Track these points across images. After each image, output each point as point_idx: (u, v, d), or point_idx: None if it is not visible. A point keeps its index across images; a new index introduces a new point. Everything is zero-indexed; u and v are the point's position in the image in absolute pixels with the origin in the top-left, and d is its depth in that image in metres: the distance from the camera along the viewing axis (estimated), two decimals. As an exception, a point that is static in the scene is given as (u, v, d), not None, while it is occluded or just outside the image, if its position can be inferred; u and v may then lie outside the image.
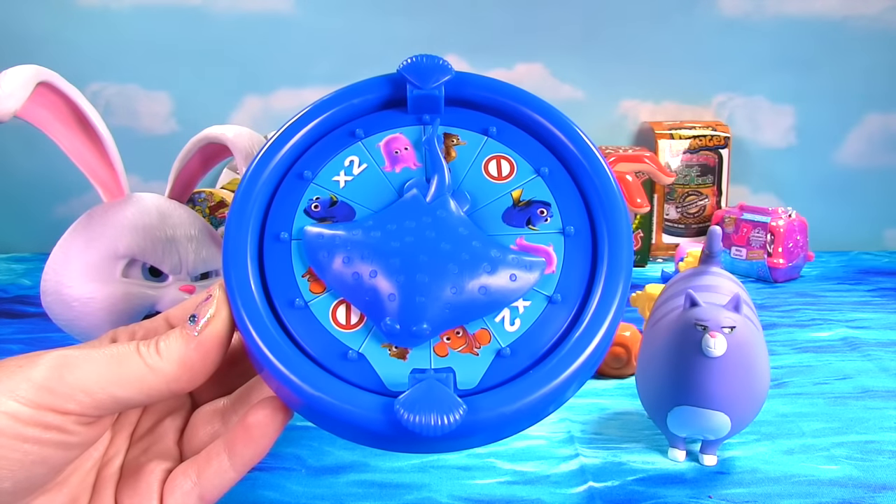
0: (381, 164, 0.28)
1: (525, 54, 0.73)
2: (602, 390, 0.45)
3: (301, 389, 0.23)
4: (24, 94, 0.34)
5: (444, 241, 0.25)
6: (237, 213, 0.26)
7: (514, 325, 0.25)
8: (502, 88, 0.29)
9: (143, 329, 0.28)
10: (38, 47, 0.66)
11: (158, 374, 0.24)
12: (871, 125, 0.78)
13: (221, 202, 0.55)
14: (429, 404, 0.22)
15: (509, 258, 0.25)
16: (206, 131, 0.42)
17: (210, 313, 0.25)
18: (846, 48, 0.74)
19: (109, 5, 0.67)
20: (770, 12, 0.73)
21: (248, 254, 0.26)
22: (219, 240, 0.44)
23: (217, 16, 0.68)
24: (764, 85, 0.76)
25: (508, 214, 0.27)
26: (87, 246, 0.39)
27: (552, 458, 0.37)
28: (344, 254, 0.25)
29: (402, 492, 0.35)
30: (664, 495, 0.34)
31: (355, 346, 0.25)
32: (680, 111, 0.77)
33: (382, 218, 0.26)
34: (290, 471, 0.36)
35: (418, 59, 0.28)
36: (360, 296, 0.25)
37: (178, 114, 0.70)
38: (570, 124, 0.28)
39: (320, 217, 0.27)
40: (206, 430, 0.28)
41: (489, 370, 0.24)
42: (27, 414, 0.22)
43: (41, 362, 0.23)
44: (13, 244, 0.72)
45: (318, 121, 0.28)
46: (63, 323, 0.40)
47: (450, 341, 0.25)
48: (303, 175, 0.27)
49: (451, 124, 0.29)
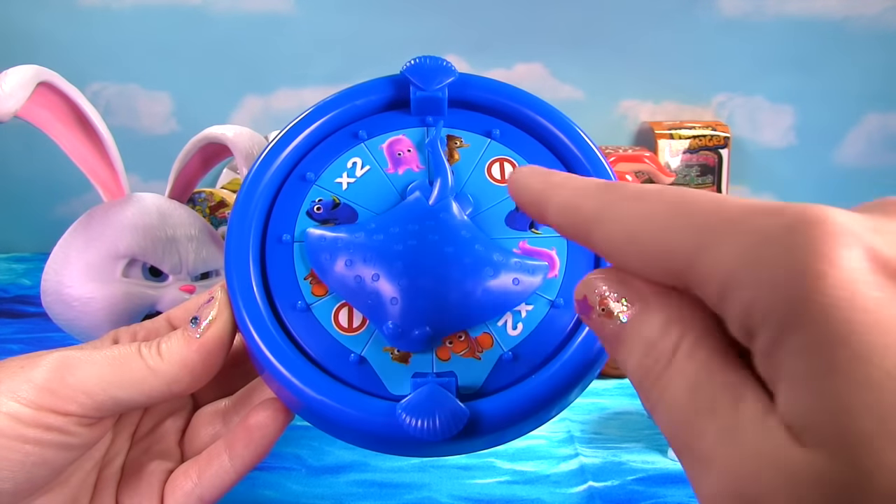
0: (383, 165, 0.28)
1: (525, 54, 0.73)
2: (602, 390, 0.45)
3: (302, 392, 0.23)
4: (24, 94, 0.34)
5: (446, 245, 0.25)
6: (239, 215, 0.26)
7: (517, 329, 0.25)
8: (505, 90, 0.29)
9: (145, 330, 0.28)
10: (38, 47, 0.66)
11: (160, 376, 0.24)
12: (870, 125, 0.77)
13: (222, 202, 0.55)
14: (431, 409, 0.22)
15: (512, 262, 0.25)
16: (206, 131, 0.42)
17: (212, 315, 0.25)
18: (846, 48, 0.74)
19: (110, 5, 0.67)
20: (770, 12, 0.73)
21: (251, 256, 0.26)
22: (219, 240, 0.44)
23: (217, 16, 0.68)
24: (764, 85, 0.76)
25: (511, 218, 0.27)
26: (87, 246, 0.39)
27: (552, 457, 0.38)
28: (346, 256, 0.25)
29: (402, 492, 0.35)
30: (664, 495, 0.34)
31: (357, 349, 0.25)
32: (680, 111, 0.77)
33: (385, 221, 0.26)
34: (290, 470, 0.36)
35: (421, 61, 0.28)
36: (363, 299, 0.25)
37: (178, 114, 0.70)
38: (573, 126, 0.28)
39: (323, 219, 0.27)
40: (207, 431, 0.29)
41: (491, 374, 0.24)
42: (28, 415, 0.22)
43: (42, 363, 0.23)
44: (13, 244, 0.72)
45: (320, 122, 0.28)
46: (63, 323, 0.40)
47: (452, 345, 0.25)
48: (305, 177, 0.27)
49: (454, 126, 0.28)
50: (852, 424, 0.12)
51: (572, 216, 0.17)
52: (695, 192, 0.15)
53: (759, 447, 0.13)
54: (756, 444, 0.13)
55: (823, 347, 0.12)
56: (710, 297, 0.14)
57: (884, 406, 0.11)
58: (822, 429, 0.12)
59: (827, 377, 0.12)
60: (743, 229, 0.14)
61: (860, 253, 0.12)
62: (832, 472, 0.12)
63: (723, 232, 0.14)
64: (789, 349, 0.12)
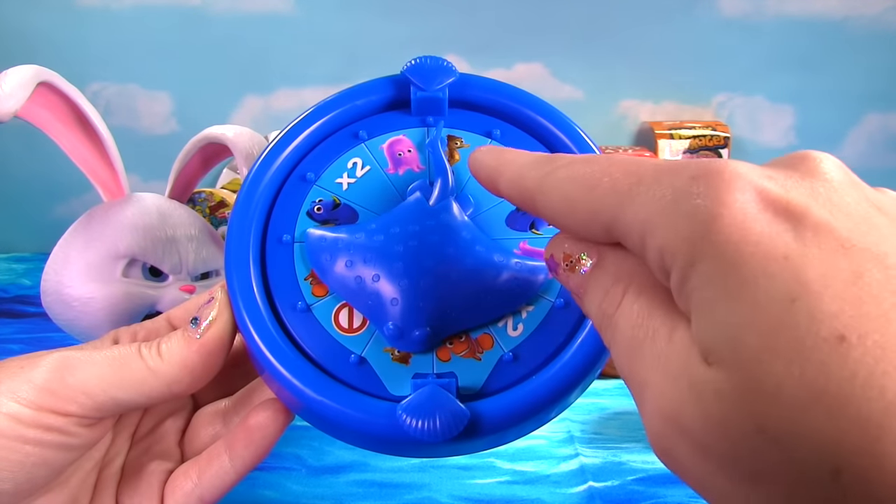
0: (384, 166, 0.28)
1: (525, 54, 0.73)
2: (602, 390, 0.45)
3: (302, 393, 0.23)
4: (24, 94, 0.34)
5: (447, 245, 0.25)
6: (240, 215, 0.26)
7: (517, 330, 0.25)
8: (506, 90, 0.29)
9: (145, 330, 0.28)
10: (37, 47, 0.66)
11: (160, 377, 0.24)
12: (870, 125, 0.77)
13: (222, 202, 0.55)
14: (431, 409, 0.22)
15: (513, 263, 0.25)
16: (206, 131, 0.42)
17: (212, 316, 0.25)
18: (846, 48, 0.74)
19: (110, 5, 0.67)
20: (770, 12, 0.73)
21: (251, 256, 0.26)
22: (219, 240, 0.44)
23: (217, 16, 0.68)
24: (764, 85, 0.76)
25: (512, 218, 0.27)
26: (87, 246, 0.39)
27: (552, 457, 0.38)
28: (347, 257, 0.25)
29: (402, 492, 0.35)
30: (664, 495, 0.34)
31: (357, 349, 0.24)
32: (680, 111, 0.77)
33: (385, 221, 0.26)
34: (290, 470, 0.36)
35: (422, 61, 0.28)
36: (363, 299, 0.25)
37: (178, 114, 0.70)
38: (573, 127, 0.28)
39: (323, 219, 0.27)
40: (207, 432, 0.29)
41: (492, 375, 0.24)
42: (28, 415, 0.22)
43: (42, 364, 0.23)
44: (13, 244, 0.72)
45: (320, 122, 0.28)
46: (63, 323, 0.40)
47: (452, 346, 0.25)
48: (305, 177, 0.27)
49: (454, 126, 0.28)
50: (743, 341, 0.13)
51: (519, 187, 0.19)
52: (617, 157, 0.17)
53: (679, 370, 0.14)
54: (677, 368, 0.15)
55: (719, 277, 0.14)
56: (635, 246, 0.16)
57: (767, 322, 0.13)
58: (720, 348, 0.14)
59: (722, 303, 0.14)
60: (655, 183, 0.16)
61: (751, 195, 0.14)
62: (729, 386, 0.13)
63: (639, 188, 0.16)
64: (694, 282, 0.14)
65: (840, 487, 0.12)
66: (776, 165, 0.16)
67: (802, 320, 0.13)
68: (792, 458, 0.13)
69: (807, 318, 0.13)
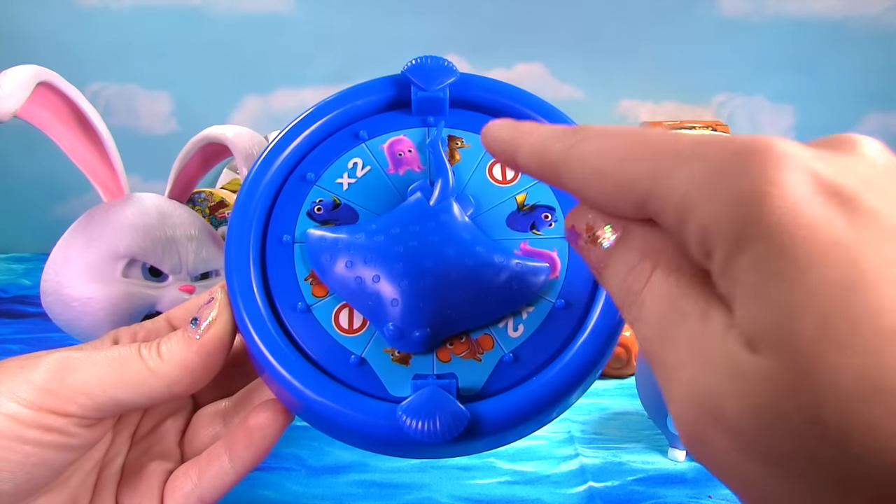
0: (384, 166, 0.28)
1: (525, 54, 0.73)
2: (602, 391, 0.45)
3: (302, 393, 0.23)
4: (24, 94, 0.34)
5: (447, 246, 0.25)
6: (240, 216, 0.26)
7: (518, 330, 0.25)
8: (507, 90, 0.29)
9: (145, 330, 0.28)
10: (38, 47, 0.66)
11: (160, 377, 0.24)
12: (870, 125, 0.77)
13: (221, 202, 0.55)
14: (431, 410, 0.22)
15: (513, 263, 0.25)
16: (206, 131, 0.42)
17: (212, 316, 0.25)
18: (846, 48, 0.74)
19: (109, 5, 0.67)
20: (770, 12, 0.73)
21: (251, 256, 0.26)
22: (219, 240, 0.44)
23: (217, 16, 0.68)
24: (764, 85, 0.76)
25: (513, 219, 0.27)
26: (87, 246, 0.39)
27: (552, 458, 0.38)
28: (347, 258, 0.25)
29: (402, 492, 0.35)
30: (664, 495, 0.34)
31: (357, 350, 0.24)
32: (680, 111, 0.77)
33: (386, 221, 0.26)
34: (290, 471, 0.36)
35: (423, 61, 0.28)
36: (363, 300, 0.25)
37: (178, 114, 0.70)
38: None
39: (323, 220, 0.27)
40: (207, 432, 0.29)
41: (492, 376, 0.24)
42: (28, 416, 0.22)
43: (42, 364, 0.23)
44: (13, 244, 0.72)
45: (321, 122, 0.28)
46: (63, 323, 0.40)
47: (453, 347, 0.25)
48: (306, 177, 0.27)
49: (455, 126, 0.28)
50: (796, 329, 0.12)
51: (541, 158, 0.18)
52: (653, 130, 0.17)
53: (718, 356, 0.14)
54: (715, 353, 0.14)
55: (769, 261, 0.13)
56: (671, 223, 0.15)
57: (822, 310, 0.12)
58: (769, 335, 0.13)
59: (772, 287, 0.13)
60: (696, 158, 0.15)
61: (803, 176, 0.13)
62: (779, 374, 0.13)
63: (677, 161, 0.15)
64: (741, 265, 0.13)
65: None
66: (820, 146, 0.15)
67: (860, 310, 0.12)
68: (847, 454, 0.12)
69: (865, 308, 0.12)
